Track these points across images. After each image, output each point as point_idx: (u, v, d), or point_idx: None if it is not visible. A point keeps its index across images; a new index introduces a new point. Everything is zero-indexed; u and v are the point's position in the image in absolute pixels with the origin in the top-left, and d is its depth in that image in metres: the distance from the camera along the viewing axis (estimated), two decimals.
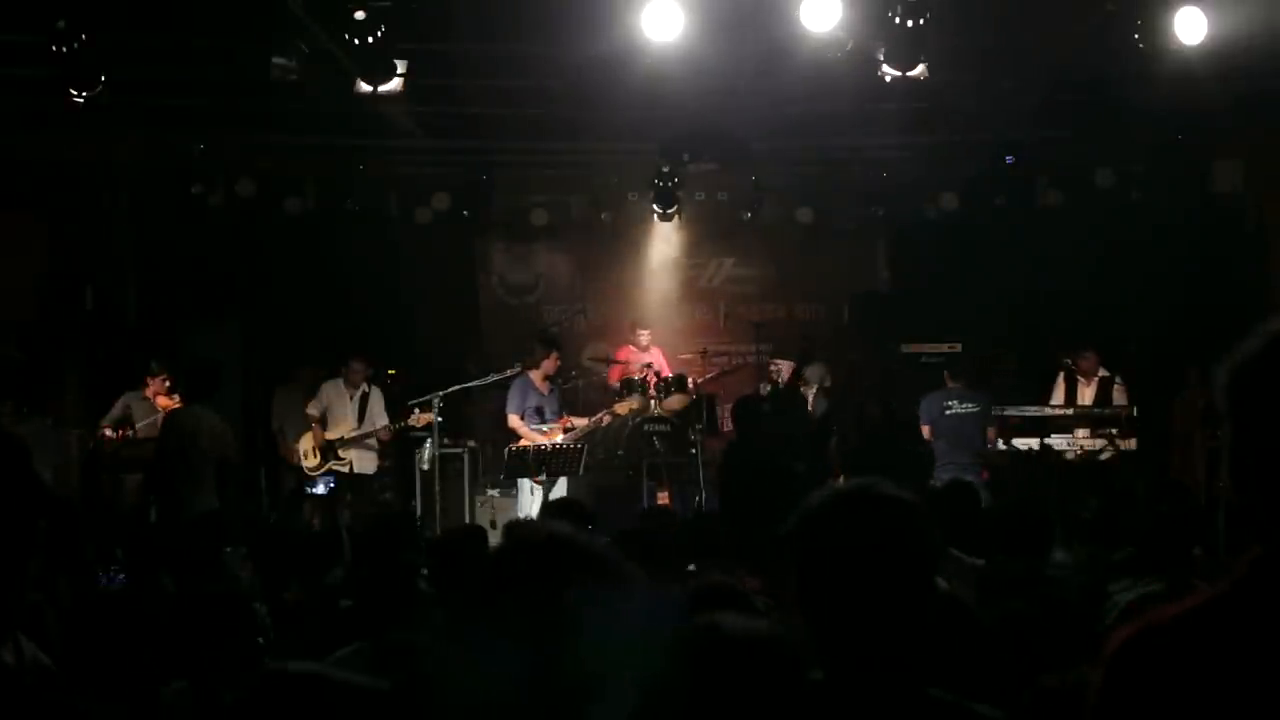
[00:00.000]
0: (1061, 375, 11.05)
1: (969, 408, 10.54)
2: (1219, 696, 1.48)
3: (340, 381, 11.05)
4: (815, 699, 2.06)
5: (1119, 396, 10.83)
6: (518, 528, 1.81)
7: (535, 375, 10.75)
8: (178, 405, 9.53)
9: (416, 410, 10.78)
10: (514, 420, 10.72)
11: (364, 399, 11.02)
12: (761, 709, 1.93)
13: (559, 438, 10.56)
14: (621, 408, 11.03)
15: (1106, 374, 10.91)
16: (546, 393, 10.81)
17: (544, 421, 10.71)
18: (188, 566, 5.25)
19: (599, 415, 11.01)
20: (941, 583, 3.08)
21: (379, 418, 10.98)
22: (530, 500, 10.26)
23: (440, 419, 10.57)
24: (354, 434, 10.91)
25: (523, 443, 10.49)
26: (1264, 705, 1.46)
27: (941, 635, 2.15)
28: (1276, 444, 1.52)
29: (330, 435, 10.91)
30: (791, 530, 2.12)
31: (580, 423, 10.87)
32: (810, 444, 10.06)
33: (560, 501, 7.53)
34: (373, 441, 11.03)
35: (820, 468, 9.61)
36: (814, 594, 2.09)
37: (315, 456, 10.93)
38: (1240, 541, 1.59)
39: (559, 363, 10.94)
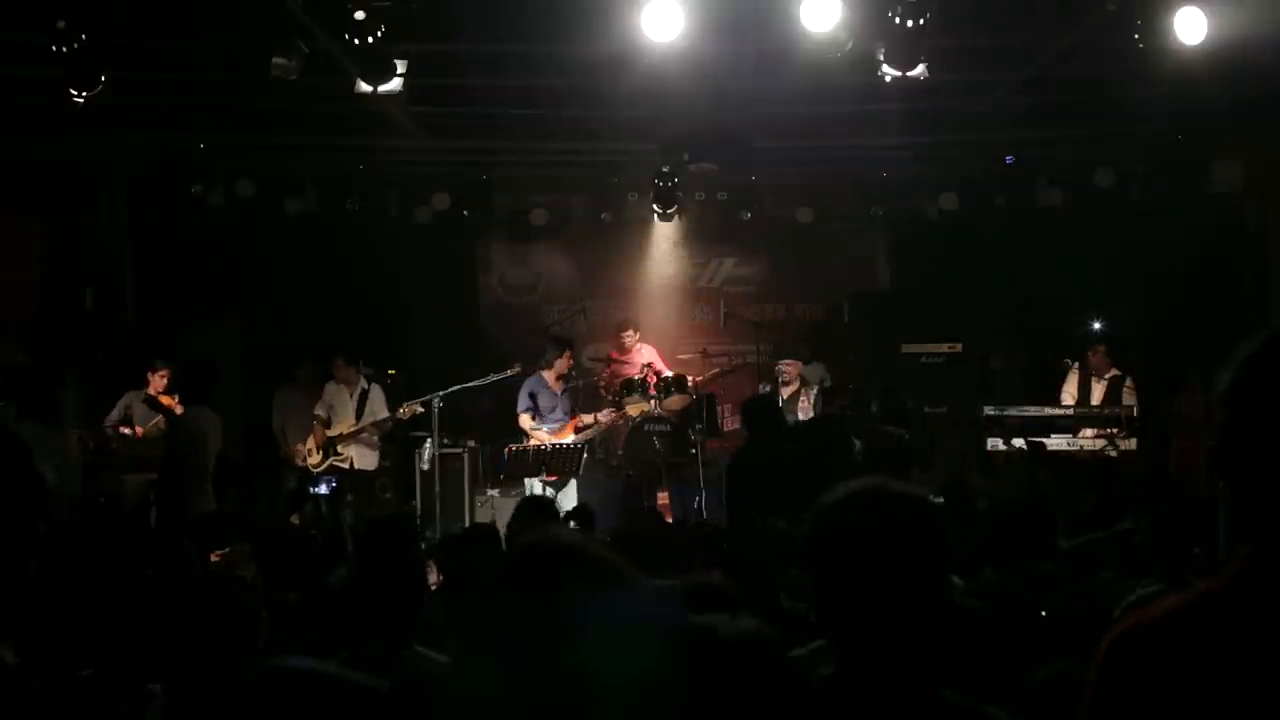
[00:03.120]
0: (1075, 372, 11.04)
1: None
2: (1214, 692, 1.48)
3: (338, 383, 11.10)
4: (826, 695, 2.06)
5: (1128, 397, 10.83)
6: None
7: (548, 375, 10.77)
8: (178, 406, 9.53)
9: (404, 404, 10.83)
10: (524, 420, 10.70)
11: (363, 396, 11.06)
12: (759, 712, 1.93)
13: (570, 437, 10.54)
14: (633, 409, 11.00)
15: (1118, 373, 10.91)
16: (559, 392, 10.80)
17: (555, 421, 10.73)
18: (187, 567, 5.25)
19: (610, 415, 10.96)
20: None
21: (380, 413, 11.02)
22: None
23: (435, 416, 10.59)
24: (351, 429, 10.94)
25: (529, 442, 10.49)
26: (1259, 701, 1.47)
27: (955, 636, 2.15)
28: (1269, 441, 1.53)
29: (331, 433, 10.96)
30: (808, 528, 2.12)
31: (589, 420, 10.88)
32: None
33: (531, 500, 7.48)
34: (370, 438, 11.05)
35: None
36: (829, 591, 2.09)
37: (317, 454, 10.99)
38: (1240, 541, 1.60)
39: (572, 363, 10.98)
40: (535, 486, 10.29)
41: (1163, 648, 1.53)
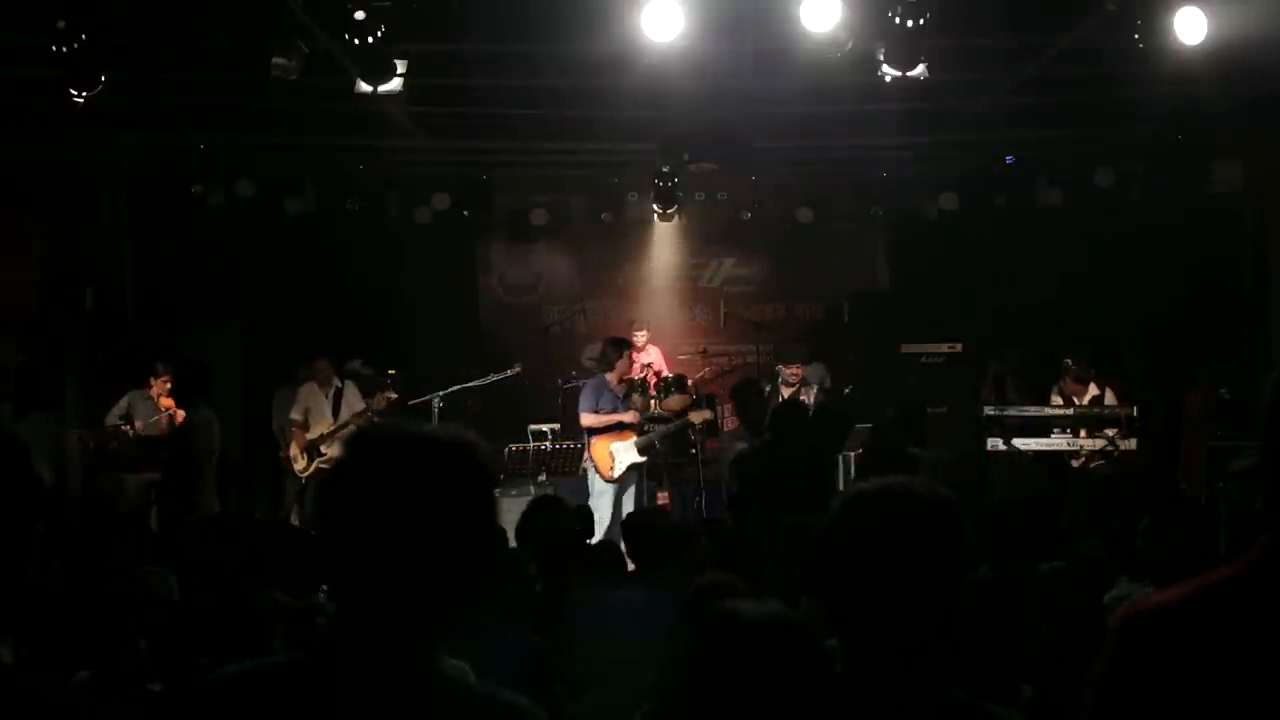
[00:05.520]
0: (1056, 388, 10.95)
1: None
2: (1228, 677, 1.49)
3: (314, 384, 11.07)
4: (837, 693, 2.05)
5: (1110, 399, 10.79)
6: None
7: (610, 377, 10.62)
8: (179, 412, 9.54)
9: (378, 392, 10.80)
10: (589, 419, 10.35)
11: (338, 395, 11.03)
12: (784, 692, 1.92)
13: (633, 438, 10.44)
14: (695, 413, 10.91)
15: (1098, 392, 10.77)
16: (620, 396, 10.65)
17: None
18: (195, 569, 5.25)
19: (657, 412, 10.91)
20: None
21: (356, 405, 10.99)
22: (600, 494, 10.08)
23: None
24: (331, 429, 10.93)
25: (533, 443, 10.42)
26: (1274, 688, 1.47)
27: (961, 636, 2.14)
28: None
29: (311, 436, 10.91)
30: (825, 525, 2.12)
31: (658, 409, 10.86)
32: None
33: (541, 499, 7.41)
34: (350, 431, 11.03)
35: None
36: (842, 589, 2.08)
37: (302, 459, 10.94)
38: (1240, 542, 1.60)
39: (633, 361, 10.83)
40: (601, 488, 10.18)
41: (1178, 631, 1.53)
